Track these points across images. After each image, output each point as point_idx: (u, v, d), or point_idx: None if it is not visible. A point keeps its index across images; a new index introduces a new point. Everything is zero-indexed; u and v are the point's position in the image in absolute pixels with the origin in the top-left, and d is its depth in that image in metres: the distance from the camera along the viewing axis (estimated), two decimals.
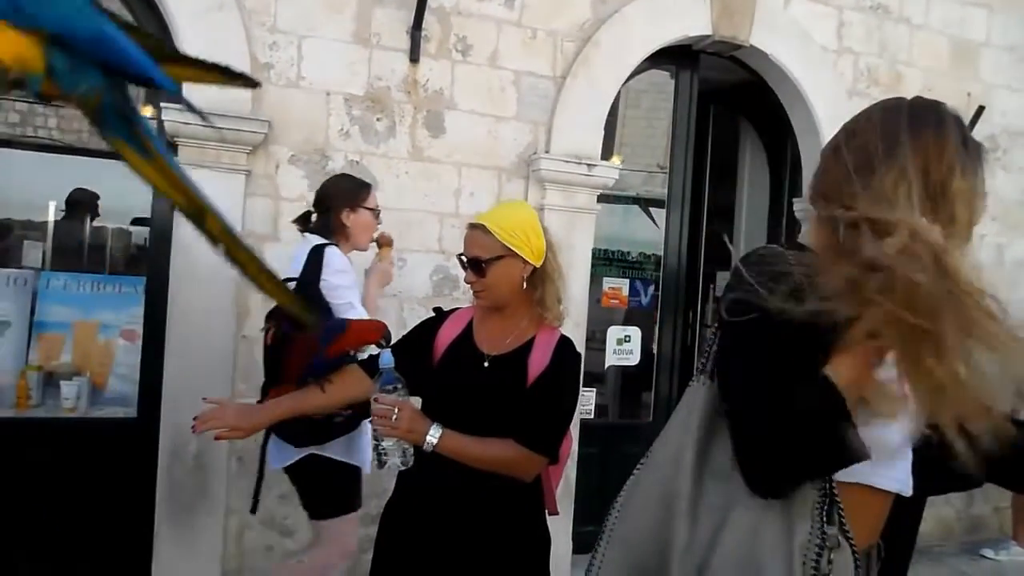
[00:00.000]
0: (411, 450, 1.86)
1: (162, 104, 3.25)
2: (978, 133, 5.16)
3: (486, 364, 1.97)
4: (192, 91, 3.16)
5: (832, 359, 1.08)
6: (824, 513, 1.12)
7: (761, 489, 1.11)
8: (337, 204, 2.79)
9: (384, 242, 3.01)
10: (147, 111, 3.76)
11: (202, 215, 1.05)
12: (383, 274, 2.98)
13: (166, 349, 3.36)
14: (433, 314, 2.18)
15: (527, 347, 1.98)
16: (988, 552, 5.06)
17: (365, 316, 2.63)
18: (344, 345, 2.27)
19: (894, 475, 1.26)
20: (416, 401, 1.94)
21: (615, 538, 1.26)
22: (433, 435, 1.84)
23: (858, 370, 1.08)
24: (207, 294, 3.36)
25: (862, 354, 1.07)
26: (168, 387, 3.34)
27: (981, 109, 5.16)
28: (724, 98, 5.16)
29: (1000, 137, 5.38)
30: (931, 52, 5.12)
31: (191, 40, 3.30)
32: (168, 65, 0.96)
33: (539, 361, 1.96)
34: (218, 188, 3.24)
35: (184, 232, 3.33)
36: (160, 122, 3.23)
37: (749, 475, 1.11)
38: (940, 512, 5.33)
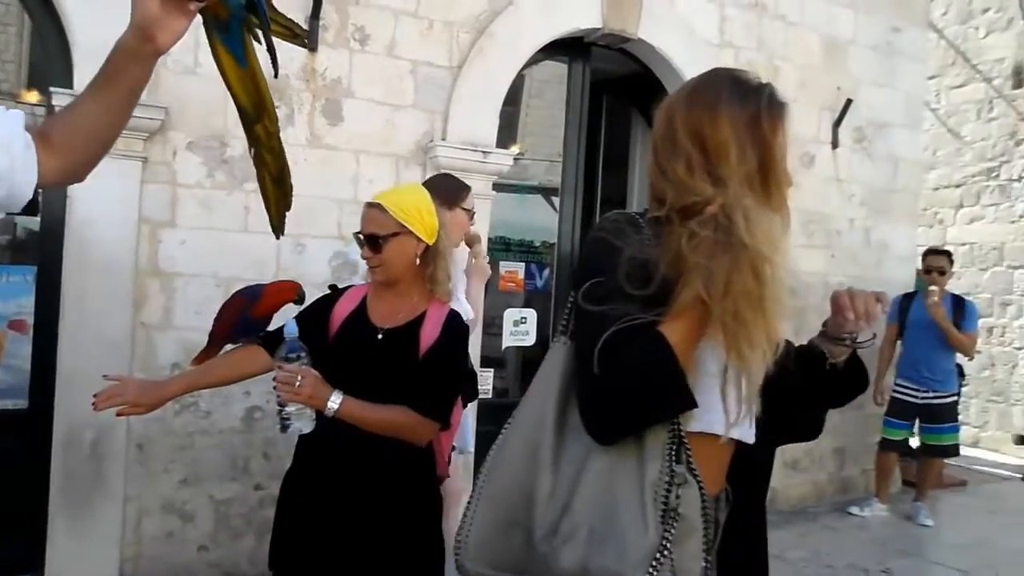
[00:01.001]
0: (312, 415, 1.96)
1: (51, 89, 3.20)
2: (846, 125, 5.59)
3: (379, 337, 2.08)
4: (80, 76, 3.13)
5: (666, 322, 1.19)
6: (673, 453, 1.21)
7: (597, 435, 1.21)
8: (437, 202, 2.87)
9: (473, 240, 3.13)
10: (32, 96, 3.68)
11: (259, 119, 1.40)
12: (481, 270, 3.13)
13: (59, 338, 3.32)
14: (329, 291, 2.29)
15: (419, 321, 2.10)
16: (854, 509, 5.51)
17: (469, 309, 2.84)
18: (266, 306, 2.38)
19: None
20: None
21: (484, 496, 1.30)
22: (334, 401, 1.94)
23: (686, 333, 1.19)
24: (102, 282, 3.33)
25: (690, 319, 1.19)
26: (62, 377, 3.29)
27: (849, 102, 5.55)
28: (616, 89, 5.37)
29: (867, 128, 5.80)
30: (804, 48, 5.47)
31: (82, 27, 3.25)
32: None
33: (430, 333, 2.08)
34: (114, 174, 3.21)
35: (77, 220, 3.29)
36: (51, 107, 3.18)
37: (587, 423, 1.22)
38: (815, 476, 5.75)
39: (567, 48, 4.64)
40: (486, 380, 4.55)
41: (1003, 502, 5.90)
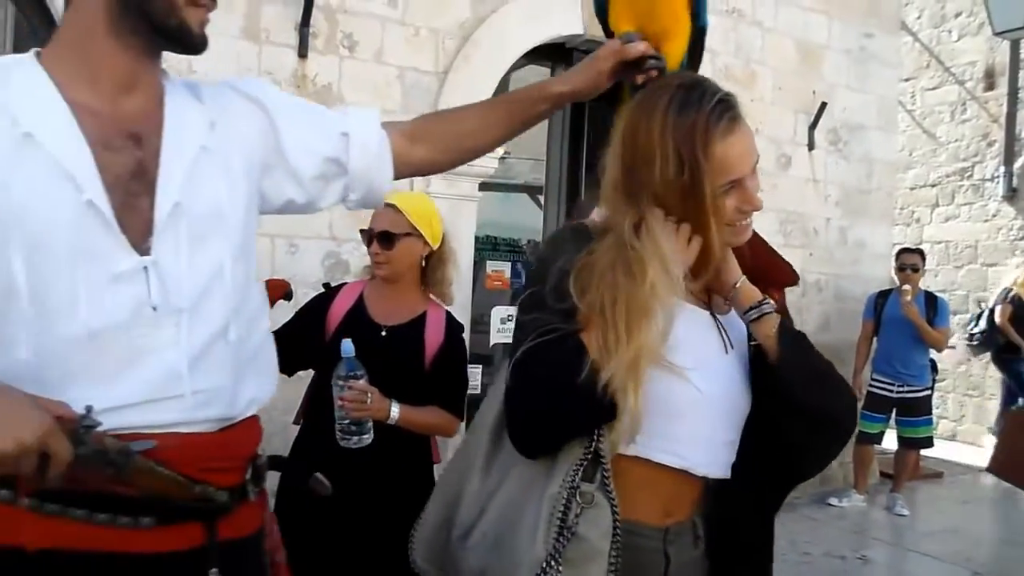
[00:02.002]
0: (371, 425, 2.09)
1: None
2: (822, 127, 5.76)
3: (383, 334, 2.21)
4: None
5: (584, 331, 1.14)
6: (582, 471, 1.16)
7: (518, 448, 1.19)
8: None
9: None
10: None
11: None
12: None
13: None
14: (323, 290, 2.42)
15: (420, 321, 2.26)
16: (833, 500, 5.66)
17: None
18: None
19: (680, 450, 1.24)
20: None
21: (435, 495, 1.35)
22: (395, 411, 2.11)
23: (597, 335, 1.13)
24: None
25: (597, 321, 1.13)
26: None
27: (824, 105, 5.71)
28: (600, 94, 5.51)
29: (841, 130, 5.97)
30: (780, 53, 5.63)
31: None
32: None
33: (434, 338, 2.25)
34: None
35: None
36: None
37: (510, 433, 1.19)
38: None
39: (550, 53, 4.77)
40: (474, 376, 4.66)
41: (977, 492, 6.07)
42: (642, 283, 1.13)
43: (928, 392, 5.67)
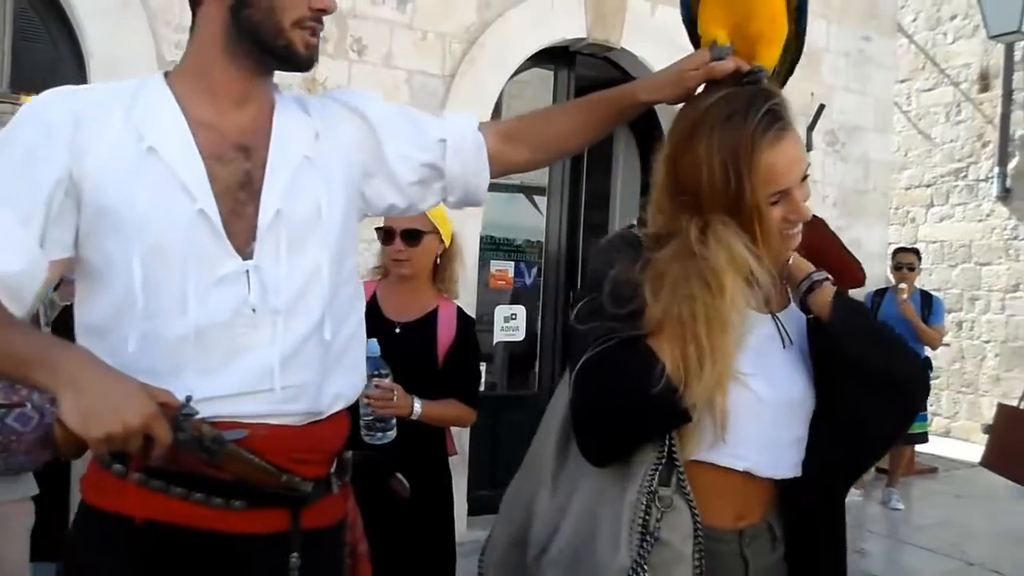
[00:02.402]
0: (395, 422, 2.18)
1: None
2: (820, 129, 5.84)
3: (397, 331, 2.30)
4: None
5: (651, 336, 1.14)
6: (658, 476, 1.16)
7: (588, 457, 1.19)
8: None
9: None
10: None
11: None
12: None
13: None
14: None
15: (432, 317, 2.35)
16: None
17: None
18: None
19: (742, 453, 1.23)
20: None
21: (501, 515, 1.36)
22: (418, 406, 2.19)
23: (673, 344, 1.13)
24: None
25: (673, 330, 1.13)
26: None
27: (822, 107, 5.79)
28: None
29: (839, 132, 6.07)
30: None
31: (96, 38, 3.43)
32: None
33: (447, 332, 2.34)
34: None
35: None
36: None
37: (580, 443, 1.20)
38: None
39: (553, 56, 4.86)
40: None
41: (971, 487, 6.17)
42: (721, 296, 1.13)
43: None
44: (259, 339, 1.18)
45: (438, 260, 2.40)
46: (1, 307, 1.09)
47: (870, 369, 1.23)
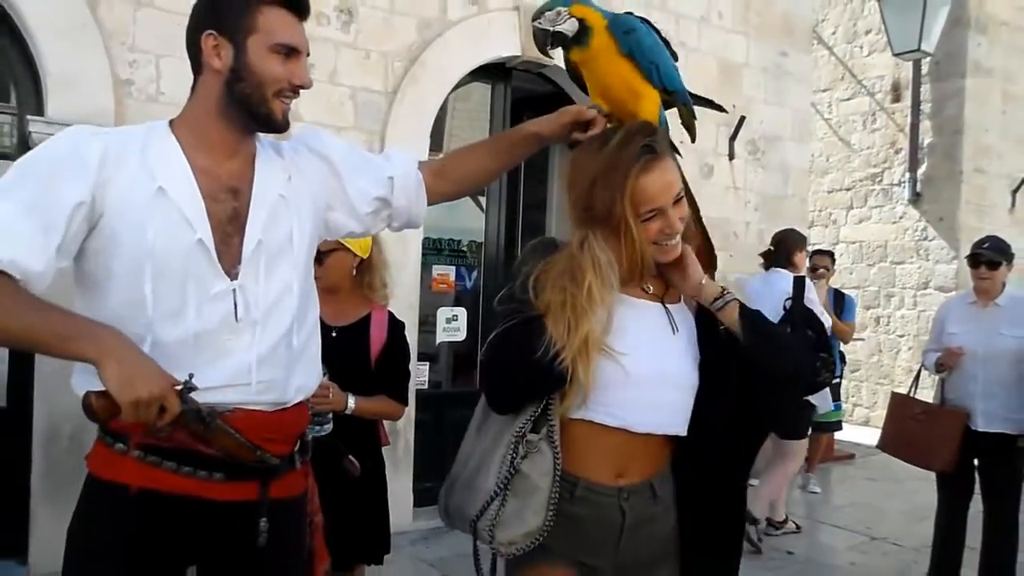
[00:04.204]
0: (331, 416, 2.43)
1: (27, 118, 3.55)
2: (741, 139, 6.25)
3: (333, 334, 2.55)
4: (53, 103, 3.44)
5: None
6: (531, 424, 1.51)
7: (493, 405, 1.56)
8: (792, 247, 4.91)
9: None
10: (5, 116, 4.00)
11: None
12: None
13: None
14: None
15: (365, 322, 2.62)
16: (753, 481, 6.13)
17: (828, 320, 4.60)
18: None
19: (615, 412, 1.54)
20: None
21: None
22: (351, 402, 2.45)
23: (554, 322, 1.46)
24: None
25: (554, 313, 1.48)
26: (40, 373, 3.63)
27: (743, 119, 6.20)
28: (535, 107, 5.90)
29: (759, 142, 6.48)
30: (703, 71, 6.09)
31: (53, 57, 3.60)
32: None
33: (379, 336, 2.61)
34: None
35: None
36: (28, 133, 3.53)
37: (486, 395, 1.57)
38: None
39: (490, 72, 5.15)
40: (422, 373, 5.02)
41: (883, 471, 6.64)
42: (582, 287, 1.47)
43: (837, 380, 6.21)
44: (240, 343, 1.45)
45: (354, 272, 2.64)
46: (33, 295, 1.32)
47: (769, 368, 1.59)
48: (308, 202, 1.58)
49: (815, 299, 4.83)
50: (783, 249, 4.97)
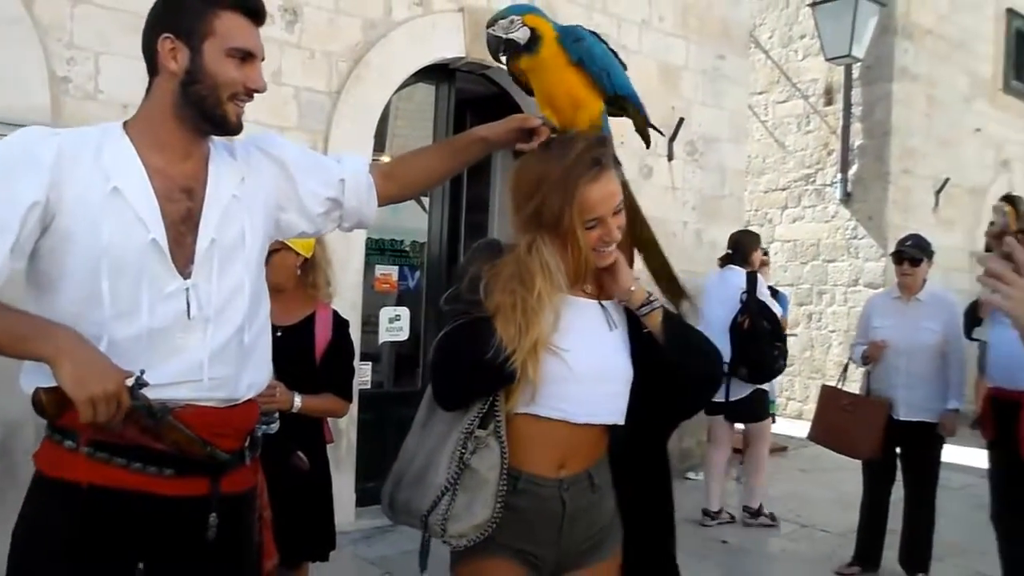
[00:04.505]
0: (278, 415, 2.45)
1: None
2: (680, 140, 6.40)
3: (279, 334, 2.58)
4: None
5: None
6: (479, 421, 1.57)
7: (441, 402, 1.61)
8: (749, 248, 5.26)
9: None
10: None
11: (634, 222, 1.86)
12: None
13: None
14: None
15: (310, 320, 2.66)
16: (691, 475, 6.35)
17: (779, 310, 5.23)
18: None
19: (557, 405, 1.62)
20: None
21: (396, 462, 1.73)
22: (297, 400, 2.49)
23: (504, 324, 1.53)
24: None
25: (504, 314, 1.55)
26: None
27: (682, 120, 6.36)
28: (479, 108, 5.96)
29: (698, 143, 6.65)
30: (644, 73, 6.22)
31: None
32: None
33: (323, 334, 2.66)
34: None
35: None
36: None
37: (435, 393, 1.63)
38: None
39: (435, 73, 5.19)
40: (364, 373, 5.03)
41: (814, 462, 6.89)
42: (532, 292, 1.54)
43: None
44: (193, 341, 1.48)
45: (299, 271, 2.69)
46: None
47: (691, 373, 1.72)
48: (261, 203, 1.62)
49: (767, 293, 5.14)
50: (740, 250, 5.27)
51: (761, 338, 4.89)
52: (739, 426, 5.55)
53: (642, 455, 1.75)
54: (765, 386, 5.40)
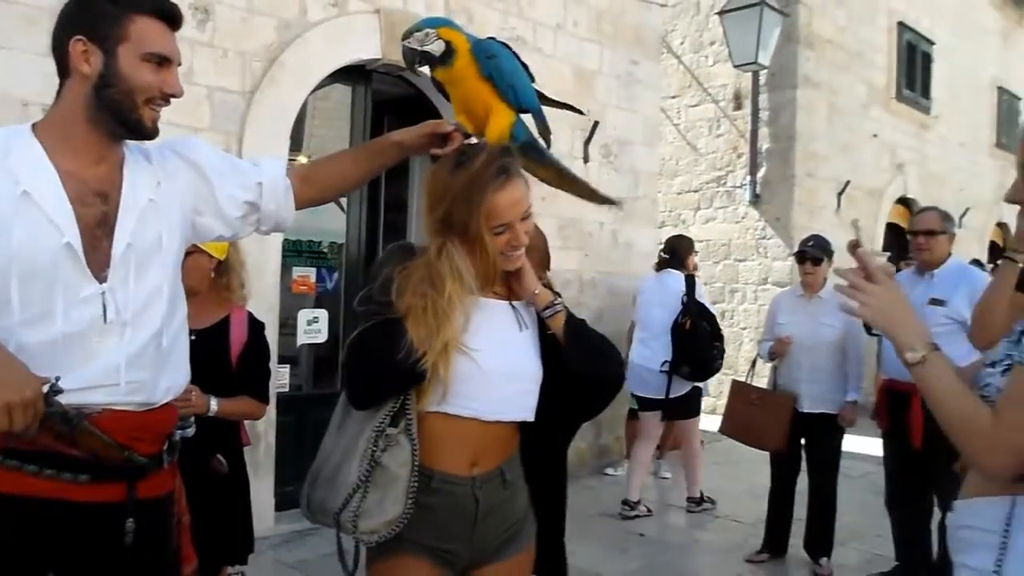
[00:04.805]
0: (193, 419, 2.41)
1: None
2: (595, 143, 6.53)
3: (193, 338, 2.55)
4: None
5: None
6: (390, 419, 1.60)
7: (353, 402, 1.65)
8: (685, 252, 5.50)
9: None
10: None
11: (573, 187, 2.04)
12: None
13: None
14: None
15: (224, 323, 2.65)
16: (610, 471, 6.50)
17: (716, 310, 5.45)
18: None
19: (466, 404, 1.66)
20: None
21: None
22: (214, 404, 2.47)
23: (414, 325, 1.57)
24: None
25: (414, 316, 1.59)
26: None
27: (596, 124, 6.50)
28: (396, 109, 5.96)
29: (612, 145, 6.80)
30: (559, 77, 6.34)
31: None
32: None
33: (239, 337, 2.65)
34: None
35: None
36: None
37: (347, 393, 1.67)
38: (576, 445, 6.65)
39: (352, 74, 5.17)
40: (283, 375, 4.98)
41: (727, 456, 7.13)
42: (442, 295, 1.58)
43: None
44: (109, 345, 1.47)
45: (212, 274, 2.68)
46: None
47: (591, 376, 1.77)
48: (177, 206, 1.61)
49: (704, 293, 5.44)
50: (676, 254, 5.51)
51: (701, 338, 5.11)
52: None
53: (542, 453, 1.83)
54: (700, 384, 5.64)
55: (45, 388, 1.32)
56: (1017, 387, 1.26)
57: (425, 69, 1.83)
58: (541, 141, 1.94)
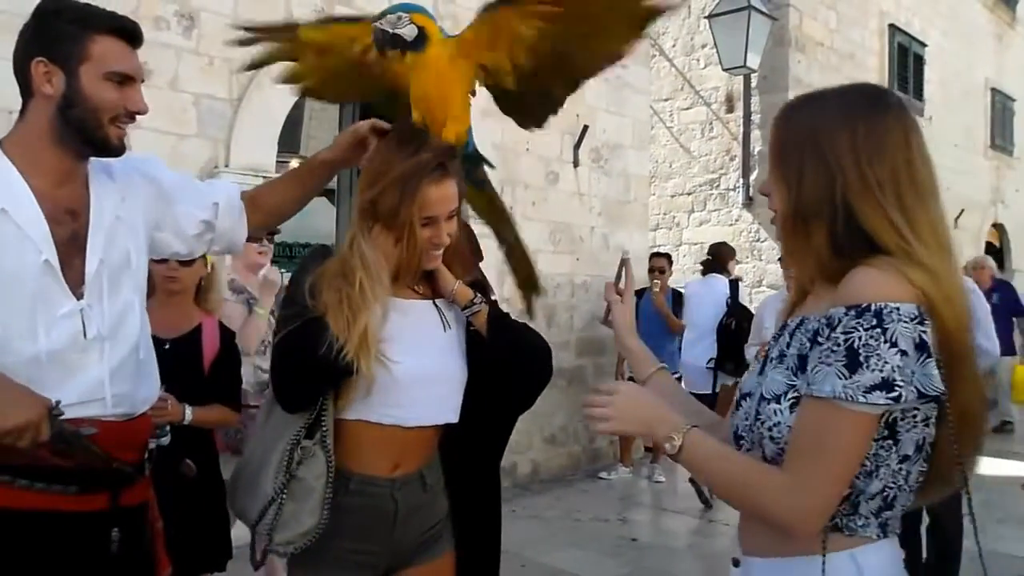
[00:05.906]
0: (169, 428, 2.42)
1: None
2: (585, 147, 6.54)
3: (166, 347, 2.56)
4: None
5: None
6: (305, 431, 1.59)
7: (283, 403, 1.61)
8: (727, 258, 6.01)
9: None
10: None
11: (500, 225, 2.03)
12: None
13: None
14: None
15: (197, 332, 2.67)
16: (604, 474, 6.49)
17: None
18: None
19: (387, 412, 1.64)
20: None
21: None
22: (188, 413, 2.48)
23: (335, 320, 1.54)
24: None
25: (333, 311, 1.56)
26: None
27: (586, 128, 6.51)
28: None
29: (602, 149, 6.81)
30: None
31: None
32: None
33: (211, 346, 2.67)
34: None
35: None
36: None
37: (276, 395, 1.63)
38: (571, 449, 6.67)
39: None
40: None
41: None
42: (354, 287, 1.56)
43: (677, 374, 6.61)
44: (90, 360, 1.50)
45: (202, 281, 2.73)
46: None
47: (510, 368, 1.73)
48: (141, 222, 1.65)
49: (745, 296, 6.07)
50: (719, 259, 6.17)
51: (744, 337, 5.43)
52: None
53: (475, 455, 1.78)
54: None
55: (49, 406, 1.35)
56: (809, 425, 1.14)
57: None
58: (487, 164, 1.98)
